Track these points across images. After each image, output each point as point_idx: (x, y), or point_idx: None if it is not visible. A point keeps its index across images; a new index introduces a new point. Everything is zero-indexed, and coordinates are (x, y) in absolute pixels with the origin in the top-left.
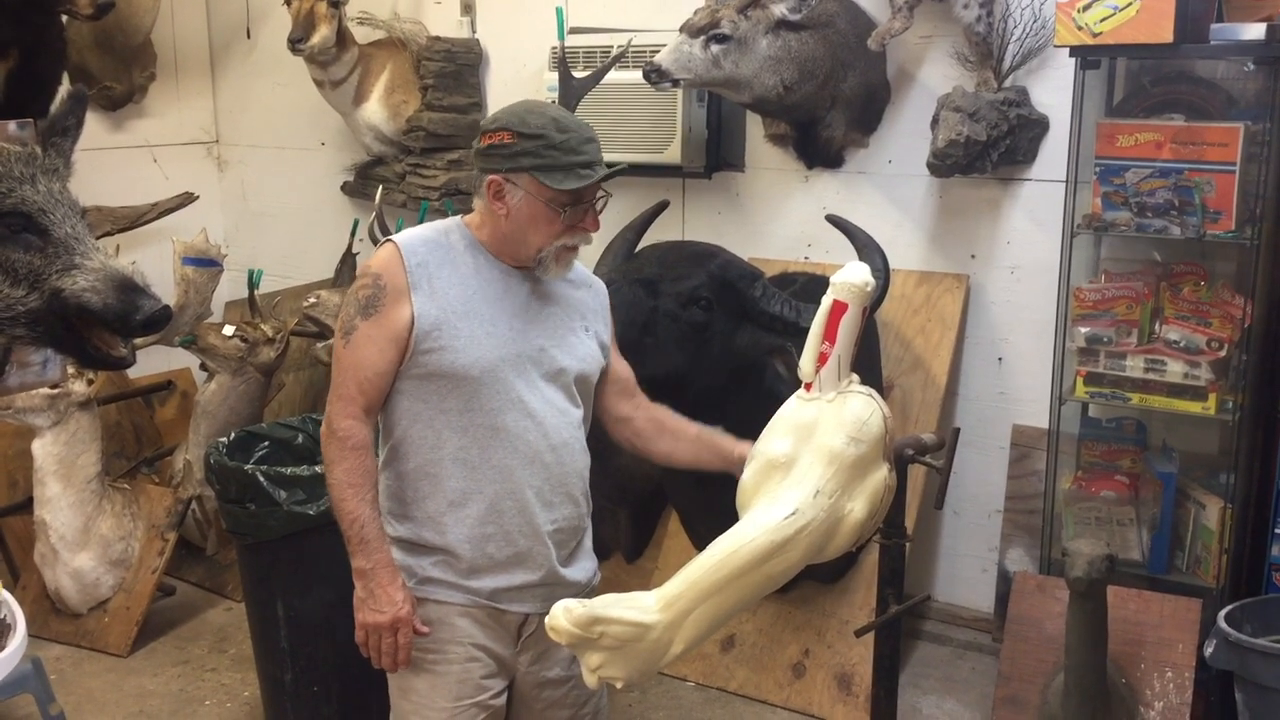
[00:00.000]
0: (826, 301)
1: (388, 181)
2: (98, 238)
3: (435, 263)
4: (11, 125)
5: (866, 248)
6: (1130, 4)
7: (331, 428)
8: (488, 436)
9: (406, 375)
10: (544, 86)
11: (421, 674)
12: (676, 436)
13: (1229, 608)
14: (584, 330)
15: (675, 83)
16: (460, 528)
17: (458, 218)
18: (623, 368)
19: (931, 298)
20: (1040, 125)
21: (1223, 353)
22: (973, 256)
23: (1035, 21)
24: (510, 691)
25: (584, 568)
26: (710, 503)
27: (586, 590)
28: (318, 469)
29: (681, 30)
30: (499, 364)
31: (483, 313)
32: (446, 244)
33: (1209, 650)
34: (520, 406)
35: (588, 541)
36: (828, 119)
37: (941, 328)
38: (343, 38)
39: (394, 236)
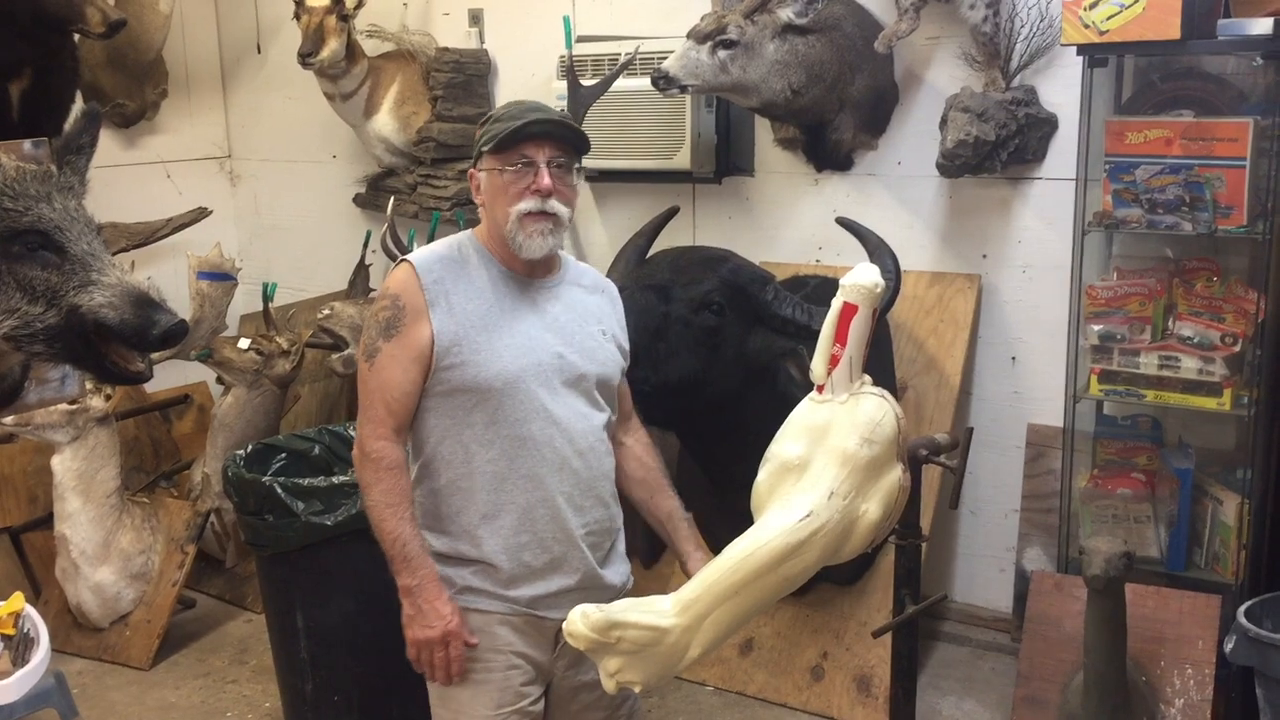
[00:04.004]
0: (836, 304)
1: (399, 193)
2: (113, 254)
3: (451, 278)
4: (26, 144)
5: (877, 249)
6: (1137, 1)
7: (364, 451)
8: (515, 447)
9: (431, 393)
10: (553, 95)
11: (463, 683)
12: (652, 498)
13: (1249, 603)
14: (601, 334)
15: (683, 89)
16: (495, 539)
17: (469, 231)
18: (625, 388)
19: (944, 298)
20: (1049, 124)
21: (1237, 348)
22: (984, 256)
23: (1042, 20)
24: (547, 696)
25: (619, 570)
26: (726, 507)
27: (622, 593)
28: (335, 480)
29: (688, 37)
30: (520, 374)
31: (501, 325)
32: (460, 258)
33: (1229, 646)
34: (545, 415)
35: (620, 544)
36: (836, 122)
37: (954, 328)
38: (352, 51)
39: (409, 256)
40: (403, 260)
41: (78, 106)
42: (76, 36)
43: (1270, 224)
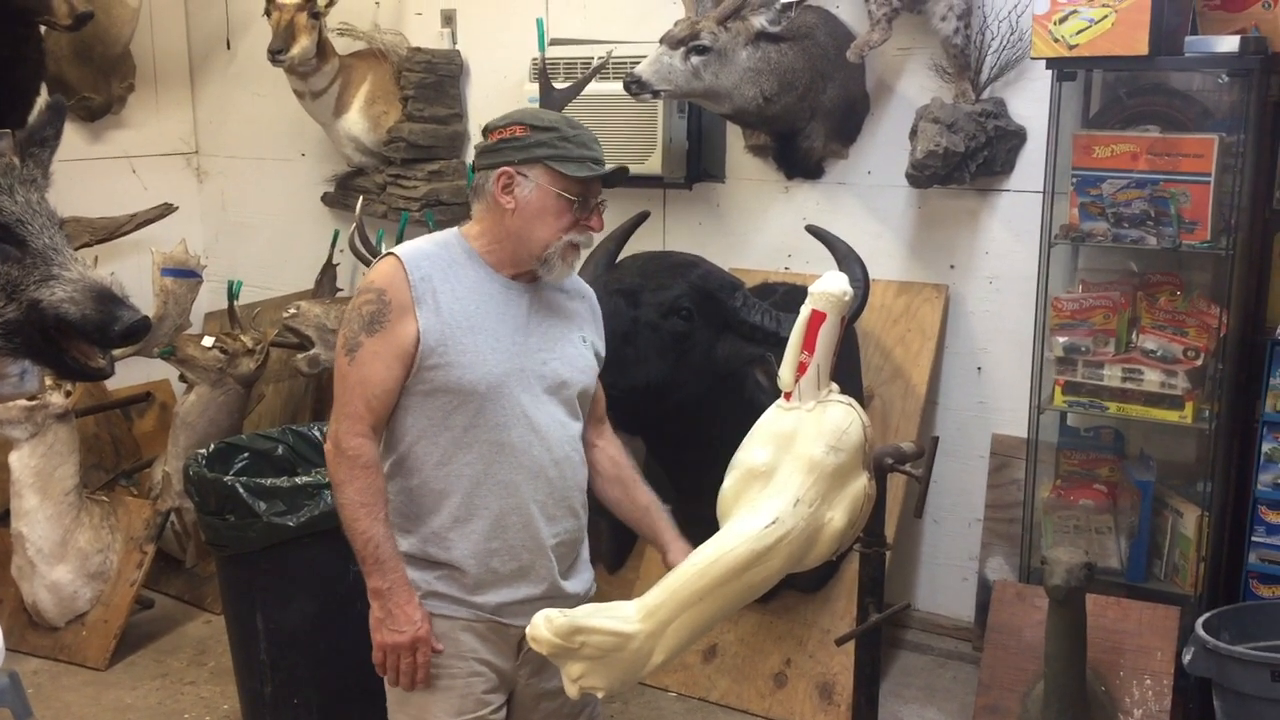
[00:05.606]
0: (805, 311)
1: (368, 192)
2: (76, 249)
3: (439, 276)
4: None
5: (846, 258)
6: (1106, 16)
7: (340, 447)
8: (493, 452)
9: (412, 391)
10: (525, 98)
11: (425, 689)
12: (628, 494)
13: (1207, 615)
14: (582, 341)
15: (656, 94)
16: (465, 543)
17: (455, 230)
18: (598, 391)
19: (911, 308)
20: (1018, 136)
21: (1199, 362)
22: (952, 267)
23: (1012, 34)
24: (509, 704)
25: (582, 579)
26: (691, 513)
27: (584, 600)
28: (298, 480)
29: (662, 42)
30: (504, 379)
31: (486, 327)
32: (448, 257)
33: (1187, 658)
34: (525, 421)
35: (585, 552)
36: (807, 130)
37: (921, 337)
38: (323, 49)
39: (396, 250)
40: (389, 253)
41: (42, 99)
42: (43, 28)
43: (1233, 239)
